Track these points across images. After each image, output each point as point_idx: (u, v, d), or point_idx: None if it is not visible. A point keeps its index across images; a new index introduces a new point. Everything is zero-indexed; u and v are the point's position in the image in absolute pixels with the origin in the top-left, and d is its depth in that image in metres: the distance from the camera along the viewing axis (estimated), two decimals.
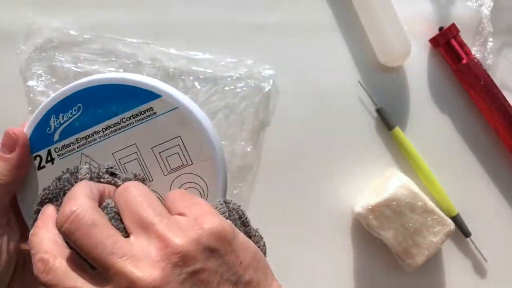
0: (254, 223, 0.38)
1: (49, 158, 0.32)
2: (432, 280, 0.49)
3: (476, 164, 0.50)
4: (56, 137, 0.32)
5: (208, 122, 0.32)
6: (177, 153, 0.32)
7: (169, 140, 0.32)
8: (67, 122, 0.32)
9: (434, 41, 0.49)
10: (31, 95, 0.47)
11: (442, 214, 0.46)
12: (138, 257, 0.24)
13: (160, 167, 0.32)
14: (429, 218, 0.45)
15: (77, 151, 0.32)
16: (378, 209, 0.45)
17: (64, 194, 0.29)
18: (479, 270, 0.50)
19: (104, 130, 0.31)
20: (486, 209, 0.50)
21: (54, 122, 0.32)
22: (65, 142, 0.32)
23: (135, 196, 0.26)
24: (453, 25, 0.48)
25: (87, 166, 0.30)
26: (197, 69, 0.48)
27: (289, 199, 0.48)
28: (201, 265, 0.24)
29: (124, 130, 0.31)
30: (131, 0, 0.49)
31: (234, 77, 0.48)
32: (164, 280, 0.23)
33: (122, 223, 0.26)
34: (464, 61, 0.48)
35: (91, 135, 0.32)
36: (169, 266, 0.23)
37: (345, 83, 0.49)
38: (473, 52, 0.48)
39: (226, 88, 0.48)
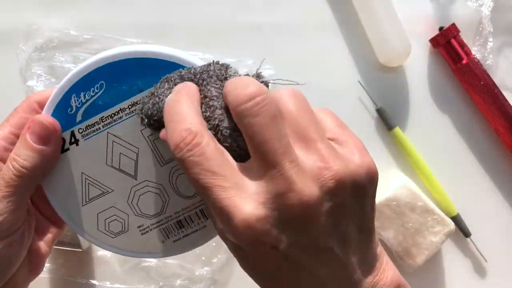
0: None
1: (73, 140, 0.30)
2: (432, 280, 0.49)
3: (476, 164, 0.50)
4: (78, 117, 0.30)
5: None
6: None
7: None
8: (90, 101, 0.30)
9: (434, 41, 0.49)
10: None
11: (442, 214, 0.46)
12: (303, 169, 0.23)
13: None
14: (429, 218, 0.45)
15: (102, 130, 0.30)
16: (378, 209, 0.45)
17: (212, 77, 0.27)
18: (479, 270, 0.50)
19: (130, 107, 0.30)
20: (486, 209, 0.50)
21: (75, 102, 0.30)
22: (89, 122, 0.30)
23: (298, 105, 0.25)
24: (453, 25, 0.48)
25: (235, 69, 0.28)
26: None
27: None
28: (346, 199, 0.24)
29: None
30: (131, 0, 0.49)
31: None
32: (318, 201, 0.23)
33: None
34: (464, 61, 0.48)
35: (116, 113, 0.30)
36: (324, 189, 0.23)
37: (345, 83, 0.49)
38: (473, 52, 0.48)
39: None
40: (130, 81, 0.30)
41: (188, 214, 0.32)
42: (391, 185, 0.45)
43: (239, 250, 0.25)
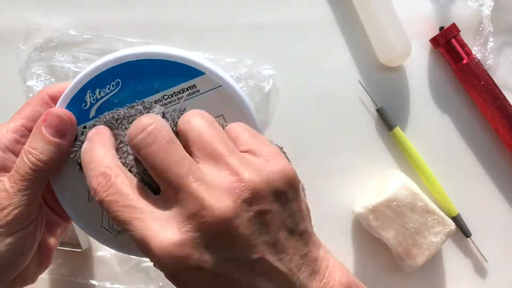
0: None
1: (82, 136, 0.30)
2: (432, 280, 0.49)
3: (476, 164, 0.50)
4: (92, 113, 0.30)
5: (249, 101, 0.31)
6: None
7: None
8: (105, 98, 0.30)
9: (434, 41, 0.49)
10: (31, 95, 0.47)
11: (442, 214, 0.46)
12: (211, 185, 0.23)
13: None
14: (429, 218, 0.45)
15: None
16: (379, 209, 0.45)
17: (131, 122, 0.28)
18: (480, 270, 0.50)
19: (144, 107, 0.30)
20: (486, 209, 0.50)
21: (90, 98, 0.30)
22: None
23: (203, 124, 0.25)
24: (453, 25, 0.48)
25: (161, 106, 0.29)
26: None
27: None
28: (268, 206, 0.24)
29: (166, 108, 0.30)
30: (131, 0, 0.49)
31: (234, 77, 0.48)
32: (234, 213, 0.23)
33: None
34: (465, 61, 0.48)
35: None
36: (239, 200, 0.23)
37: (345, 83, 0.49)
38: (473, 52, 0.48)
39: None
40: (147, 81, 0.30)
41: None
42: (391, 185, 0.45)
43: (171, 278, 0.24)
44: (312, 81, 0.49)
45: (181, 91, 0.30)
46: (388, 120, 0.49)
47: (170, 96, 0.30)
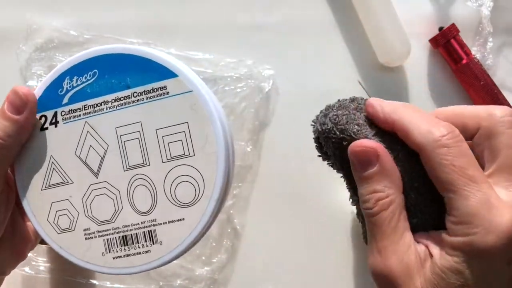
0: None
1: (53, 120, 0.31)
2: None
3: None
4: (65, 100, 0.31)
5: (220, 113, 0.30)
6: (181, 140, 0.30)
7: (175, 125, 0.30)
8: (80, 86, 0.31)
9: (434, 41, 0.49)
10: None
11: None
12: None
13: (160, 152, 0.30)
14: None
15: (81, 118, 0.31)
16: None
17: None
18: None
19: (113, 101, 0.30)
20: None
21: (67, 84, 0.31)
22: (73, 106, 0.31)
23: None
24: (453, 25, 0.48)
25: None
26: (197, 69, 0.48)
27: (289, 199, 0.48)
28: None
29: (133, 105, 0.30)
30: (131, 0, 0.49)
31: (234, 77, 0.48)
32: None
33: None
34: (464, 61, 0.48)
35: (99, 104, 0.30)
36: None
37: (345, 83, 0.49)
38: (473, 52, 0.49)
39: (226, 88, 0.48)
40: (121, 76, 0.30)
41: (136, 232, 0.31)
42: None
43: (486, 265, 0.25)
44: (312, 81, 0.49)
45: (151, 90, 0.30)
46: None
47: (139, 94, 0.30)
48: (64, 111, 0.31)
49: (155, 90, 0.30)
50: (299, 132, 0.49)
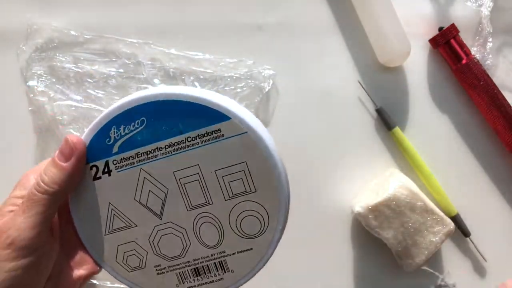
0: None
1: (106, 170, 0.31)
2: (431, 280, 0.49)
3: (475, 164, 0.50)
4: (115, 149, 0.30)
5: (275, 150, 0.31)
6: (241, 178, 0.30)
7: (234, 165, 0.30)
8: (129, 135, 0.30)
9: (433, 42, 0.49)
10: (31, 95, 0.47)
11: (441, 214, 0.46)
12: None
13: (222, 191, 0.31)
14: (428, 218, 0.45)
15: (136, 166, 0.30)
16: (378, 209, 0.45)
17: None
18: (479, 269, 0.50)
19: (167, 147, 0.30)
20: (485, 209, 0.50)
21: (114, 134, 0.30)
22: (125, 155, 0.30)
23: None
24: (452, 25, 0.48)
25: None
26: (197, 69, 0.48)
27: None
28: None
29: (188, 150, 0.30)
30: (131, 0, 0.49)
31: (234, 77, 0.48)
32: None
33: None
34: (464, 61, 0.48)
35: (152, 151, 0.30)
36: None
37: (345, 83, 0.49)
38: (472, 52, 0.49)
39: (226, 88, 0.48)
40: (172, 122, 0.30)
41: (207, 264, 0.32)
42: (391, 185, 0.45)
43: None
44: (312, 81, 0.49)
45: (206, 134, 0.30)
46: (387, 120, 0.49)
47: (193, 139, 0.30)
48: (116, 160, 0.30)
49: (209, 133, 0.30)
50: (299, 132, 0.49)
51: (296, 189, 0.49)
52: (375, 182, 0.48)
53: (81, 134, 0.31)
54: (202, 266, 0.32)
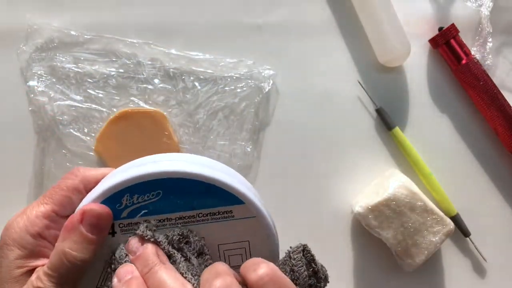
0: None
1: (110, 231, 0.31)
2: (431, 280, 0.49)
3: (475, 164, 0.50)
4: (124, 214, 0.30)
5: (276, 234, 0.33)
6: (241, 254, 0.32)
7: (237, 242, 0.32)
8: (141, 204, 0.30)
9: (433, 42, 0.49)
10: (32, 95, 0.47)
11: (441, 214, 0.46)
12: None
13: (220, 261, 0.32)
14: (428, 218, 0.45)
15: None
16: (378, 209, 0.45)
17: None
18: (479, 269, 0.50)
19: (177, 219, 0.31)
20: (485, 209, 0.50)
21: (126, 200, 0.30)
22: (133, 220, 0.30)
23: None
24: (452, 25, 0.48)
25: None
26: (197, 69, 0.48)
27: (289, 199, 0.49)
28: None
29: (197, 224, 0.31)
30: (131, 0, 0.49)
31: (234, 77, 0.48)
32: None
33: None
34: (464, 62, 0.48)
35: (161, 221, 0.31)
36: None
37: (345, 83, 0.49)
38: (472, 53, 0.49)
39: (226, 88, 0.48)
40: (187, 198, 0.30)
41: None
42: (391, 185, 0.45)
43: None
44: (312, 81, 0.49)
45: (217, 213, 0.31)
46: (387, 120, 0.49)
47: (204, 215, 0.31)
48: (122, 224, 0.30)
49: (221, 213, 0.31)
50: (299, 132, 0.49)
51: (296, 189, 0.49)
52: (375, 182, 0.48)
53: (93, 195, 0.30)
54: None
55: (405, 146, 0.48)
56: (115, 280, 0.28)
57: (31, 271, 0.30)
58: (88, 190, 0.31)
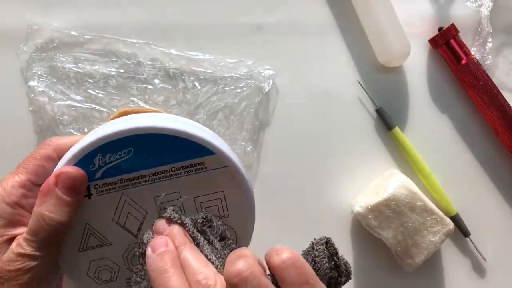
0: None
1: (86, 193, 0.31)
2: (431, 280, 0.49)
3: (475, 164, 0.50)
4: (98, 174, 0.31)
5: (250, 183, 0.33)
6: (217, 205, 0.32)
7: (212, 193, 0.32)
8: (114, 163, 0.30)
9: (433, 42, 0.49)
10: (32, 95, 0.47)
11: (441, 213, 0.46)
12: None
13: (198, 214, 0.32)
14: (428, 218, 0.45)
15: (118, 191, 0.31)
16: (378, 209, 0.45)
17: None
18: (478, 269, 0.50)
19: (151, 175, 0.31)
20: (485, 209, 0.50)
21: (99, 161, 0.30)
22: (107, 180, 0.31)
23: (301, 273, 0.27)
24: (452, 25, 0.48)
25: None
26: (197, 69, 0.48)
27: (289, 198, 0.49)
28: None
29: (171, 178, 0.31)
30: (131, 0, 0.49)
31: (234, 77, 0.48)
32: None
33: None
34: (464, 62, 0.48)
35: (136, 178, 0.31)
36: None
37: (345, 83, 0.50)
38: (472, 53, 0.49)
39: (226, 88, 0.48)
40: (159, 153, 0.31)
41: None
42: (391, 185, 0.45)
43: None
44: (312, 81, 0.50)
45: (190, 166, 0.31)
46: (387, 120, 0.49)
47: (178, 169, 0.31)
48: (97, 185, 0.31)
49: (193, 165, 0.31)
50: (299, 132, 0.49)
51: (296, 189, 0.49)
52: (375, 182, 0.48)
53: (66, 159, 0.30)
54: None
55: (405, 146, 0.48)
56: (149, 250, 0.28)
57: (10, 239, 0.30)
58: (61, 158, 0.32)
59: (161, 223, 0.30)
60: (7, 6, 0.48)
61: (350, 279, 0.31)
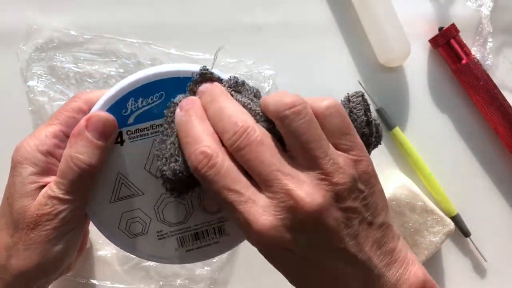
0: None
1: (118, 139, 0.31)
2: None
3: (475, 164, 0.50)
4: (131, 119, 0.30)
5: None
6: None
7: None
8: (146, 108, 0.30)
9: (433, 42, 0.49)
10: (31, 95, 0.47)
11: (441, 214, 0.46)
12: (302, 180, 0.25)
13: None
14: (428, 218, 0.45)
15: (150, 137, 0.31)
16: None
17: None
18: (479, 269, 0.50)
19: None
20: (485, 209, 0.50)
21: (132, 105, 0.30)
22: (139, 126, 0.31)
23: (303, 120, 0.27)
24: (452, 25, 0.48)
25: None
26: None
27: None
28: (350, 203, 0.26)
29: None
30: (131, 0, 0.49)
31: None
32: (324, 207, 0.25)
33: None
34: (464, 61, 0.48)
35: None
36: (328, 196, 0.25)
37: (345, 83, 0.49)
38: (472, 52, 0.49)
39: None
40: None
41: (206, 228, 0.33)
42: (391, 185, 0.45)
43: (265, 255, 0.27)
44: (312, 81, 0.49)
45: None
46: (387, 120, 0.49)
47: None
48: (130, 131, 0.31)
49: None
50: None
51: None
52: None
53: (99, 105, 0.30)
54: (202, 231, 0.33)
55: (405, 146, 0.48)
56: (177, 110, 0.29)
57: (42, 186, 0.30)
58: (90, 109, 0.32)
59: (204, 85, 0.30)
60: (7, 6, 0.48)
61: (380, 144, 0.31)
